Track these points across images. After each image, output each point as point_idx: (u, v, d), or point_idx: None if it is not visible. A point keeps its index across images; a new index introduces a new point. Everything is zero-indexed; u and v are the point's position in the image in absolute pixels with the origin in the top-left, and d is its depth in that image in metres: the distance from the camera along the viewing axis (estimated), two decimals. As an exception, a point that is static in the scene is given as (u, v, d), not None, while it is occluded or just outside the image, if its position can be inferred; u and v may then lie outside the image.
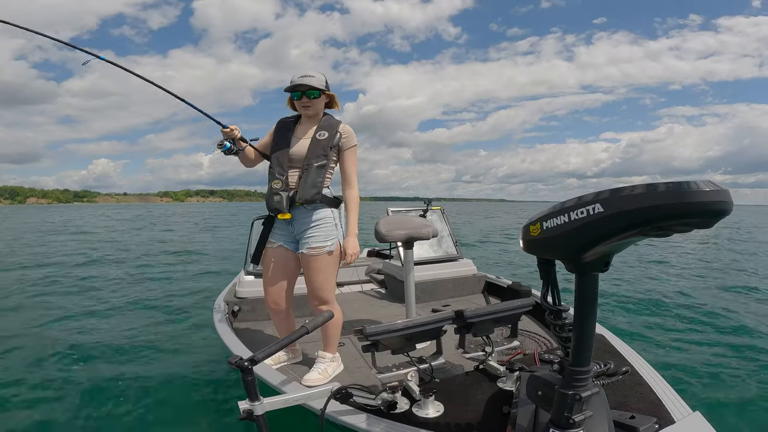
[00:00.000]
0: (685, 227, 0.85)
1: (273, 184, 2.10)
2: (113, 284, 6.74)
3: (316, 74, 2.11)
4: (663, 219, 0.83)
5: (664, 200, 0.81)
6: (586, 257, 1.00)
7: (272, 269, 2.19)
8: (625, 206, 0.86)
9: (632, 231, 0.88)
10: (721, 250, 12.59)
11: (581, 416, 1.09)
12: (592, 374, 1.14)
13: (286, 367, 2.32)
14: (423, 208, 4.13)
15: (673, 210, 0.81)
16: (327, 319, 1.69)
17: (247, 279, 3.41)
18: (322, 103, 2.15)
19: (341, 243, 2.14)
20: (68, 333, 4.25)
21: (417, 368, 1.81)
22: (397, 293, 3.79)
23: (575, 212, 0.94)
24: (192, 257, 10.05)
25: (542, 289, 1.22)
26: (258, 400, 1.26)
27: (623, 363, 1.91)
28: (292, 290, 2.27)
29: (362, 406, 1.60)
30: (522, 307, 2.11)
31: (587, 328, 1.08)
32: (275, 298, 2.21)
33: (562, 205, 0.99)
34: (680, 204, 0.80)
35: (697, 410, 1.49)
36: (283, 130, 2.20)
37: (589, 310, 1.07)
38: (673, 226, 0.85)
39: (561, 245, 1.01)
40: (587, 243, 0.96)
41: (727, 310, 5.18)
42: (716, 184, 0.80)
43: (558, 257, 1.09)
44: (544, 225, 1.02)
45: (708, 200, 0.79)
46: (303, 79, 2.07)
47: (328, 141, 2.09)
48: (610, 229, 0.90)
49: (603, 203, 0.89)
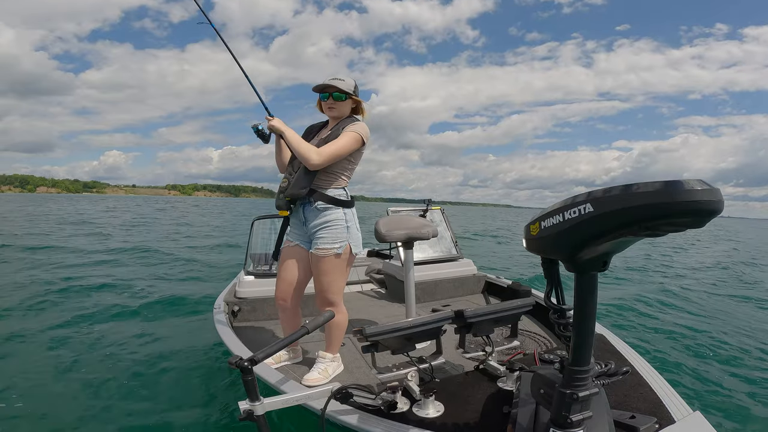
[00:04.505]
0: (677, 227, 0.84)
1: (281, 183, 2.16)
2: (113, 281, 6.74)
3: (346, 78, 2.15)
4: (653, 218, 0.82)
5: (654, 199, 0.80)
6: (582, 256, 1.01)
7: (286, 267, 2.22)
8: (614, 206, 0.85)
9: (623, 230, 0.88)
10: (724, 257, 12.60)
11: (581, 416, 1.09)
12: (593, 374, 1.14)
13: (286, 367, 2.32)
14: (423, 208, 4.13)
15: (663, 209, 0.80)
16: (327, 320, 1.69)
17: (247, 279, 3.41)
18: (347, 107, 2.17)
19: (352, 246, 2.12)
20: (67, 332, 4.24)
21: (417, 368, 1.81)
22: (397, 293, 3.79)
23: (568, 212, 0.95)
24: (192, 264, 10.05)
25: (546, 288, 1.22)
26: (258, 400, 1.26)
27: (624, 363, 1.91)
28: (302, 289, 2.28)
29: (362, 406, 1.60)
30: (522, 307, 2.11)
31: (586, 327, 1.08)
32: (284, 294, 2.23)
33: (557, 204, 0.99)
34: (670, 203, 0.79)
35: (698, 410, 1.49)
36: (306, 134, 2.25)
37: (589, 310, 1.07)
38: (664, 226, 0.84)
39: (557, 244, 1.01)
40: (580, 243, 0.96)
41: (728, 312, 5.18)
42: (707, 183, 0.79)
43: (556, 256, 1.10)
44: (542, 224, 1.03)
45: (699, 199, 0.78)
46: (333, 81, 2.11)
47: (331, 138, 2.09)
48: (600, 228, 0.90)
49: (593, 203, 0.89)
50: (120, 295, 5.97)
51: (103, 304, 5.41)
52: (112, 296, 5.88)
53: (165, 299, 5.72)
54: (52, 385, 3.08)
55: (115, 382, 3.10)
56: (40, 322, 4.59)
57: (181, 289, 6.34)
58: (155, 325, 4.60)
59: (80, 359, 3.54)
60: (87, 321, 4.68)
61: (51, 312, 5.03)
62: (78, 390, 2.99)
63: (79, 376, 3.21)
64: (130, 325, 4.53)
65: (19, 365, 3.40)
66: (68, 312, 4.98)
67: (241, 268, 3.80)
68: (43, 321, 4.61)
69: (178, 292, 6.15)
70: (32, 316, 4.86)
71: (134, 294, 6.03)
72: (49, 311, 5.06)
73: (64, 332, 4.27)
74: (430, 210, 4.13)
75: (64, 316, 4.82)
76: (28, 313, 4.95)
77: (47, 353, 3.67)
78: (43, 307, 5.23)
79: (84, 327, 4.46)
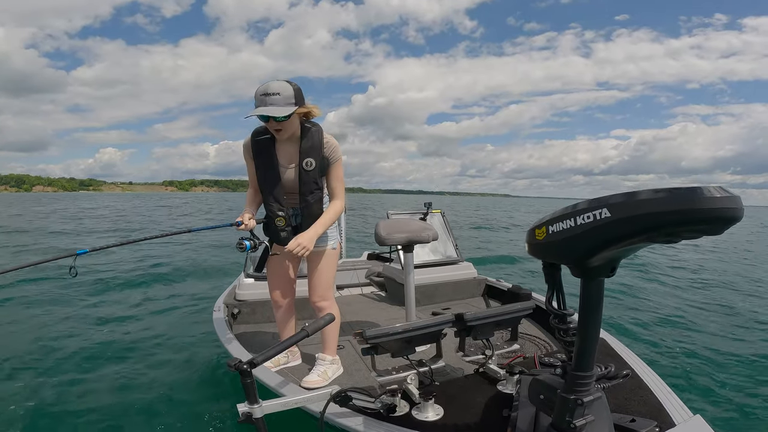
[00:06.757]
0: (695, 234, 0.83)
1: (276, 222, 2.03)
2: (112, 284, 6.73)
3: (281, 89, 1.78)
4: (672, 225, 0.81)
5: (674, 206, 0.79)
6: (592, 262, 0.99)
7: (278, 264, 2.23)
8: (632, 212, 0.84)
9: (640, 237, 0.86)
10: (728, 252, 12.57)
11: (582, 421, 1.08)
12: (595, 379, 1.14)
13: (285, 369, 2.32)
14: (423, 211, 4.14)
15: (682, 216, 0.79)
16: (328, 323, 1.68)
17: (246, 282, 3.41)
18: (295, 120, 1.89)
19: (341, 243, 2.18)
20: (66, 330, 4.24)
21: (417, 371, 1.81)
22: (397, 296, 3.79)
23: (582, 217, 0.92)
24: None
25: (547, 293, 1.21)
26: (257, 403, 1.26)
27: (624, 366, 1.90)
28: (294, 285, 2.31)
29: (362, 409, 1.60)
30: (522, 311, 2.11)
31: (591, 333, 1.07)
32: (279, 292, 2.26)
33: (568, 209, 0.97)
34: (690, 210, 0.78)
35: (698, 414, 1.48)
36: (265, 157, 1.98)
37: (594, 315, 1.06)
38: (682, 233, 0.83)
39: (567, 250, 0.99)
40: (593, 248, 0.94)
41: (729, 313, 5.17)
42: (727, 191, 0.78)
43: (563, 262, 1.08)
44: (550, 229, 1.01)
45: (719, 206, 0.77)
46: (266, 109, 1.75)
47: (317, 171, 1.98)
48: (617, 234, 0.88)
49: (610, 208, 0.87)
50: (119, 295, 5.96)
51: (102, 302, 5.39)
52: (112, 295, 5.86)
53: (165, 301, 5.71)
54: (46, 386, 3.06)
55: (111, 383, 3.09)
56: (36, 318, 4.58)
57: (186, 289, 6.33)
58: (153, 327, 4.59)
59: (76, 357, 3.54)
60: (83, 318, 4.67)
61: (48, 308, 5.02)
62: (74, 389, 2.98)
63: (75, 376, 3.20)
64: (128, 326, 4.52)
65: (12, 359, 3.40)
66: (65, 307, 4.96)
67: (241, 271, 3.81)
68: (42, 317, 4.61)
69: (178, 293, 6.14)
70: (30, 310, 4.85)
71: (133, 295, 6.02)
72: (47, 308, 5.05)
73: (63, 329, 4.26)
74: (431, 213, 4.14)
75: (61, 312, 4.81)
76: (29, 307, 4.94)
77: (41, 351, 3.66)
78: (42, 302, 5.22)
79: (79, 324, 4.45)
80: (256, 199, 2.11)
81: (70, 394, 2.96)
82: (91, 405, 2.80)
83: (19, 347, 3.84)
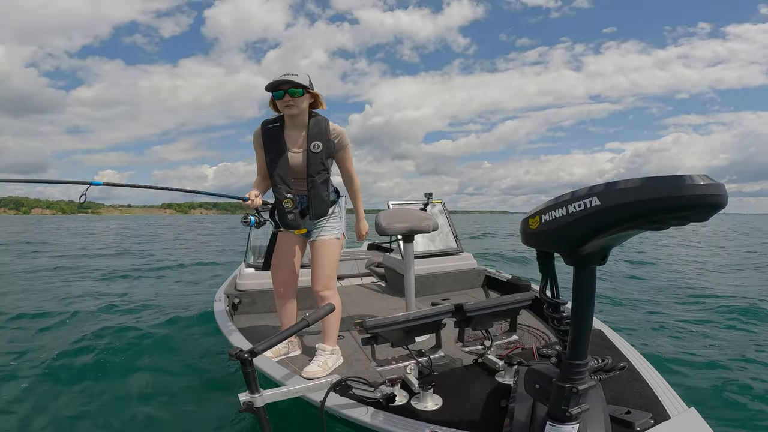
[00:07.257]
0: (681, 220, 0.86)
1: (284, 204, 2.14)
2: (116, 275, 6.77)
3: (299, 73, 2.07)
4: (659, 212, 0.84)
5: (660, 193, 0.83)
6: (583, 250, 1.01)
7: (284, 253, 2.29)
8: (621, 199, 0.87)
9: (628, 224, 0.90)
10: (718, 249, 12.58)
11: (578, 409, 1.10)
12: (590, 369, 1.15)
13: (285, 359, 2.33)
14: (423, 201, 4.13)
15: (669, 203, 0.83)
16: (328, 312, 1.70)
17: (247, 272, 3.43)
18: (305, 102, 2.10)
19: (344, 233, 2.30)
20: (65, 325, 4.27)
21: (416, 361, 1.82)
22: (397, 286, 3.81)
23: (573, 205, 0.95)
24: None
25: (541, 282, 1.23)
26: (258, 392, 1.27)
27: (621, 358, 1.92)
28: (297, 275, 2.36)
29: (361, 398, 1.62)
30: (521, 302, 2.12)
31: (585, 320, 1.09)
32: (283, 281, 2.30)
33: (560, 198, 1.00)
34: (676, 197, 0.82)
35: (693, 406, 1.50)
36: (273, 142, 2.15)
37: (587, 303, 1.08)
38: (669, 219, 0.86)
39: (559, 238, 1.02)
40: (584, 236, 0.97)
41: (725, 307, 5.19)
42: (711, 178, 0.81)
43: (556, 250, 1.10)
44: (542, 218, 1.03)
45: (703, 193, 0.80)
46: (285, 76, 2.02)
47: (323, 153, 2.13)
48: (606, 221, 0.91)
49: (600, 196, 0.90)
50: (121, 286, 6.00)
51: (102, 294, 5.43)
52: (113, 287, 5.90)
53: (165, 292, 5.74)
54: (46, 379, 3.09)
55: (112, 373, 3.12)
56: (34, 317, 4.62)
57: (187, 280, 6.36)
58: (155, 317, 4.62)
59: (77, 348, 3.57)
60: (85, 312, 4.71)
61: (46, 306, 5.05)
62: (75, 380, 3.02)
63: (75, 366, 3.23)
64: (129, 317, 4.55)
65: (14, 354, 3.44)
66: (64, 304, 5.00)
67: (242, 261, 3.82)
68: (41, 315, 4.64)
69: (179, 284, 6.17)
70: (30, 306, 4.89)
71: (134, 285, 6.05)
72: (44, 305, 5.09)
73: (61, 326, 4.30)
74: (431, 203, 4.13)
75: (61, 310, 4.84)
76: (30, 302, 4.97)
77: (40, 344, 3.69)
78: (44, 298, 5.26)
79: (82, 317, 4.48)
80: (262, 185, 2.24)
81: (66, 384, 2.98)
82: (88, 395, 2.82)
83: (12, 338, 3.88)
